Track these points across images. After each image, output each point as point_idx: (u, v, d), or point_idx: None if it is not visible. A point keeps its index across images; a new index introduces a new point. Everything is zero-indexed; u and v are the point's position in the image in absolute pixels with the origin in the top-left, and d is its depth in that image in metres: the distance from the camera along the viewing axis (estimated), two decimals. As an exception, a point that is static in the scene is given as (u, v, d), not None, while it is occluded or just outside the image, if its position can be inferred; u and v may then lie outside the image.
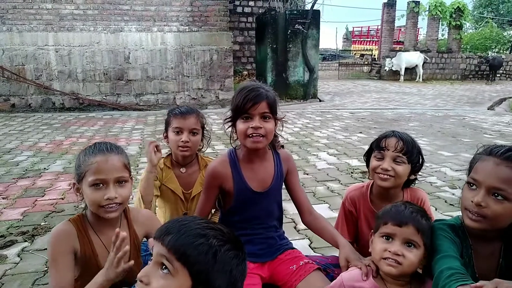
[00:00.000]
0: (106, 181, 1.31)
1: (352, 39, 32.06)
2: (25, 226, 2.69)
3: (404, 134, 1.57)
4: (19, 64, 8.23)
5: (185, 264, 0.88)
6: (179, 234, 0.90)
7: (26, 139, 5.65)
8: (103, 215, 1.33)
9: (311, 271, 1.54)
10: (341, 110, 9.05)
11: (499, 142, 5.52)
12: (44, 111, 8.42)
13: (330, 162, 4.38)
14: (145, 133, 6.19)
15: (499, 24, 29.75)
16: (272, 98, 1.50)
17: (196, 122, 1.95)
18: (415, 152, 1.55)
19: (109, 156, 1.34)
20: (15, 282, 2.02)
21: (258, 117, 1.46)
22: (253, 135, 1.46)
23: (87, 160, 1.32)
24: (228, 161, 1.60)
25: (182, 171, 2.02)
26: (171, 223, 0.94)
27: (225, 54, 9.23)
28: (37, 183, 3.64)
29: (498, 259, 1.25)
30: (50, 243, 1.34)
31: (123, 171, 1.36)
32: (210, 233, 0.92)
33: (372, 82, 17.60)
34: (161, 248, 0.90)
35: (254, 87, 1.49)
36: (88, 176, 1.31)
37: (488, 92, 13.76)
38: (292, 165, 1.72)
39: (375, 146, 1.60)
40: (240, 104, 1.46)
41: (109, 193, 1.31)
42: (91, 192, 1.31)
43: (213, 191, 1.62)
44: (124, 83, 8.84)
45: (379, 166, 1.54)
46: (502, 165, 1.14)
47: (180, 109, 1.99)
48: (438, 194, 3.38)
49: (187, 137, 1.91)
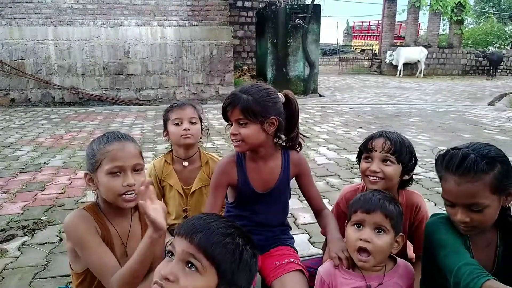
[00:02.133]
0: (124, 168, 1.28)
1: (353, 34, 31.92)
2: (25, 220, 2.70)
3: (392, 134, 1.52)
4: (18, 58, 8.21)
5: (213, 262, 0.88)
6: (208, 232, 0.89)
7: (26, 134, 5.65)
8: (121, 204, 1.29)
9: (290, 270, 1.52)
10: (341, 105, 9.04)
11: (499, 138, 5.52)
12: (44, 106, 8.41)
13: (330, 157, 4.39)
14: (145, 127, 6.18)
15: (500, 19, 29.62)
16: (249, 102, 1.43)
17: (193, 112, 1.98)
18: (404, 152, 1.48)
19: (125, 143, 1.31)
20: (15, 276, 2.03)
21: (235, 123, 1.47)
22: (233, 141, 1.50)
23: (103, 148, 1.28)
24: (235, 160, 1.61)
25: (184, 165, 2.01)
26: (196, 220, 0.93)
27: (225, 48, 9.20)
28: (37, 178, 3.65)
29: (495, 248, 1.26)
30: (71, 227, 1.27)
31: (139, 158, 1.34)
32: (235, 232, 0.92)
33: (372, 77, 17.56)
34: (189, 246, 0.88)
35: (234, 92, 1.50)
36: (105, 164, 1.27)
37: (488, 87, 13.74)
38: (303, 168, 1.70)
39: (363, 148, 1.56)
40: (222, 111, 1.51)
41: (128, 180, 1.27)
42: (109, 180, 1.27)
43: (221, 189, 1.61)
44: (124, 78, 8.82)
45: (368, 168, 1.50)
46: (463, 184, 1.15)
47: (176, 103, 2.04)
48: (438, 190, 3.38)
49: (188, 125, 1.92)
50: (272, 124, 1.49)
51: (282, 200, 1.69)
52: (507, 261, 1.24)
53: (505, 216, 1.24)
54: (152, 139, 5.28)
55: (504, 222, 1.25)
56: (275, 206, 1.67)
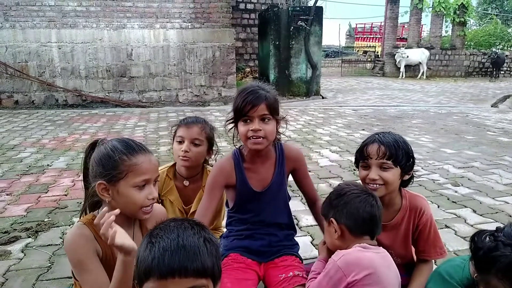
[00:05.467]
0: (149, 181, 1.28)
1: (355, 36, 31.89)
2: (28, 222, 2.71)
3: (386, 137, 1.48)
4: (22, 61, 8.25)
5: (210, 275, 0.90)
6: (195, 252, 0.88)
7: (30, 136, 5.67)
8: (140, 216, 1.30)
9: (295, 285, 1.50)
10: (344, 107, 9.03)
11: (502, 140, 5.50)
12: (47, 108, 8.45)
13: (333, 159, 4.38)
14: (148, 130, 6.20)
15: (503, 20, 29.50)
16: (271, 99, 1.48)
17: (199, 133, 1.86)
18: (400, 154, 1.45)
19: (150, 156, 1.30)
20: (18, 277, 2.04)
21: (257, 119, 1.46)
22: (253, 137, 1.47)
23: (128, 160, 1.25)
24: (233, 160, 1.61)
25: (185, 184, 1.93)
26: (169, 253, 0.87)
27: (228, 51, 9.21)
28: (40, 180, 3.66)
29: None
30: (70, 249, 1.24)
31: (158, 170, 1.35)
32: (202, 231, 0.94)
33: (375, 79, 17.54)
34: (187, 281, 0.87)
35: (253, 89, 1.48)
36: (133, 177, 1.24)
37: (491, 89, 13.69)
38: (300, 164, 1.70)
39: (359, 155, 1.53)
40: (239, 107, 1.46)
41: (153, 193, 1.28)
42: (135, 193, 1.25)
43: (217, 191, 1.59)
44: (127, 80, 8.85)
45: (367, 175, 1.48)
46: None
47: (186, 119, 1.92)
48: (441, 192, 3.37)
49: (188, 147, 1.82)
50: (279, 122, 1.55)
51: (281, 197, 1.67)
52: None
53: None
54: (155, 141, 5.30)
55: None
56: (274, 204, 1.66)
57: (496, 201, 3.15)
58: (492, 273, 0.99)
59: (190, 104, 9.18)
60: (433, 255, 1.51)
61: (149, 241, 0.91)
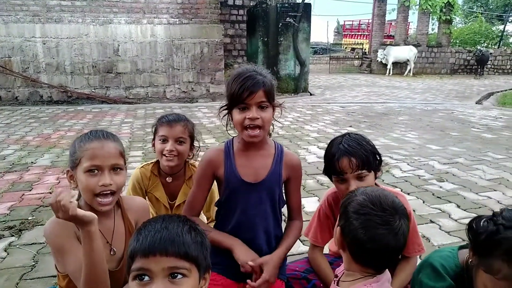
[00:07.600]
0: (102, 168, 1.28)
1: (343, 33, 32.06)
2: (12, 220, 2.66)
3: (352, 145, 1.43)
4: (5, 56, 8.07)
5: (193, 260, 0.91)
6: (177, 236, 0.90)
7: (13, 133, 5.56)
8: (96, 207, 1.29)
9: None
10: (332, 104, 9.08)
11: (486, 136, 5.61)
12: (31, 104, 8.29)
13: (320, 156, 4.40)
14: (135, 126, 6.13)
15: (488, 19, 30.01)
16: (269, 84, 1.39)
17: (183, 131, 1.88)
18: (371, 159, 1.43)
19: (105, 142, 1.31)
20: (2, 277, 2.00)
21: (255, 107, 1.36)
22: (250, 126, 1.38)
23: (83, 146, 1.29)
24: (223, 149, 1.51)
25: (168, 180, 1.97)
26: (153, 233, 0.90)
27: (216, 47, 9.17)
28: (24, 177, 3.60)
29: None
30: (50, 234, 1.27)
31: (118, 158, 1.33)
32: (188, 223, 0.97)
33: (362, 76, 17.68)
34: (167, 260, 0.88)
35: (251, 74, 1.37)
36: (83, 162, 1.28)
37: (476, 86, 13.93)
38: (296, 174, 1.58)
39: (333, 172, 1.47)
40: (236, 93, 1.36)
41: (104, 180, 1.27)
42: (86, 178, 1.27)
43: (206, 181, 1.52)
44: (113, 76, 8.74)
45: (347, 189, 1.42)
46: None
47: (167, 117, 1.92)
48: (426, 187, 3.42)
49: (172, 146, 1.84)
50: (274, 109, 1.46)
51: (273, 199, 1.53)
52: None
53: None
54: (142, 138, 5.25)
55: None
56: (265, 204, 1.52)
57: (480, 196, 3.22)
58: (495, 255, 1.03)
59: (178, 100, 9.11)
60: (411, 251, 1.50)
61: (138, 231, 0.95)
